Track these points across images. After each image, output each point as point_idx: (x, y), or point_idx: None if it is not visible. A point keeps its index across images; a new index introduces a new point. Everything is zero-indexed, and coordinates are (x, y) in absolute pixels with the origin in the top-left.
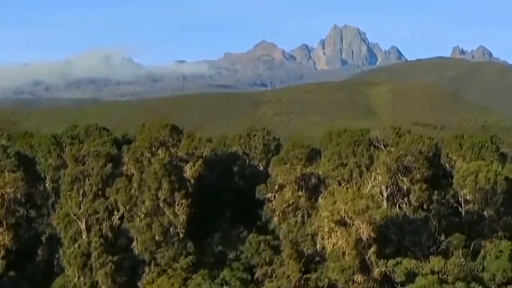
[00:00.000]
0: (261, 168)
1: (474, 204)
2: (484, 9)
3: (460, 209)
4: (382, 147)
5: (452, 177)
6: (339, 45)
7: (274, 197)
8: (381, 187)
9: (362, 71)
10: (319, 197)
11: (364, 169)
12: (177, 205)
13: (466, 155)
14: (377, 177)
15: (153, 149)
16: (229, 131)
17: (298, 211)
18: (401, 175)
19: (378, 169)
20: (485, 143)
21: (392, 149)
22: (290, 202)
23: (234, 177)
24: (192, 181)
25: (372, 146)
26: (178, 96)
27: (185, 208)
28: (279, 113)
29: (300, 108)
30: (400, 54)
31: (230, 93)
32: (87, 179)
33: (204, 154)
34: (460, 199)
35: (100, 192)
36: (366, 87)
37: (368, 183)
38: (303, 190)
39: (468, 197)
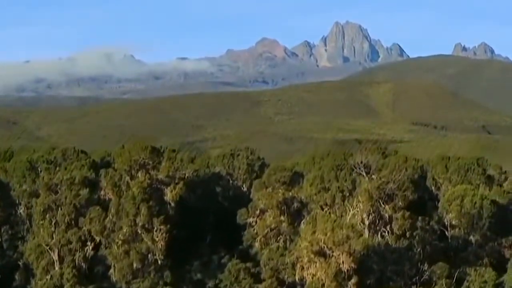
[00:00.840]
0: (245, 189)
1: (459, 229)
2: (486, 6)
3: (446, 234)
4: (364, 174)
5: (438, 200)
6: (341, 42)
7: (256, 221)
8: (362, 215)
9: (364, 68)
10: (302, 222)
11: (347, 194)
12: (156, 231)
13: (452, 178)
14: (358, 205)
15: (133, 172)
16: (229, 130)
17: (280, 236)
18: (383, 203)
19: (359, 196)
20: (471, 165)
21: (374, 176)
22: (272, 227)
23: (217, 199)
24: (172, 204)
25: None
26: (178, 95)
27: (164, 234)
28: (279, 112)
29: (300, 107)
30: (402, 51)
31: (230, 93)
32: (60, 209)
33: (186, 175)
34: (446, 223)
35: (73, 222)
36: (366, 87)
37: (350, 210)
38: (285, 215)
39: (453, 222)
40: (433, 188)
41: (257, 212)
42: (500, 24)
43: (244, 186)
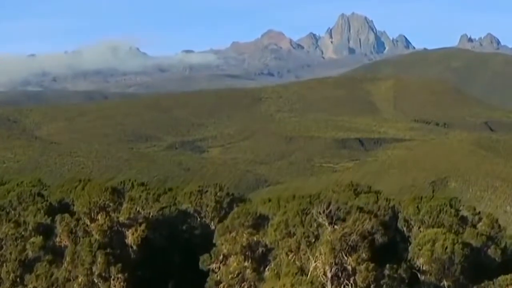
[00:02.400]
0: (213, 227)
1: (430, 275)
2: None
3: (417, 279)
4: (326, 224)
5: (410, 243)
6: (347, 34)
7: (219, 267)
8: (325, 268)
9: (369, 60)
10: (267, 268)
11: (313, 240)
12: (113, 279)
13: (424, 220)
14: (320, 257)
15: (93, 215)
16: (230, 128)
17: (244, 282)
18: (346, 255)
19: (321, 248)
20: (443, 206)
21: (337, 227)
22: (236, 273)
23: (183, 238)
24: (134, 247)
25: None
26: (179, 92)
27: (122, 283)
28: (280, 110)
29: (301, 104)
30: (408, 42)
31: (232, 89)
32: (4, 265)
33: (151, 214)
34: (416, 269)
35: (18, 280)
36: (367, 83)
37: (312, 262)
38: (250, 260)
39: (424, 268)
40: (405, 229)
41: (221, 257)
42: (506, 15)
43: (212, 223)
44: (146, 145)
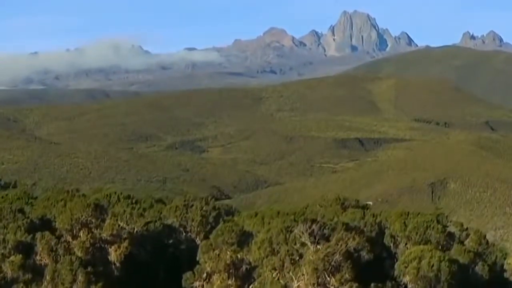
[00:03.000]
0: (198, 242)
1: None
2: None
3: None
4: (309, 244)
5: (397, 259)
6: (349, 31)
7: (203, 285)
8: None
9: (371, 57)
10: (251, 286)
11: (297, 258)
12: None
13: (411, 236)
14: (303, 277)
15: (75, 232)
16: (230, 128)
17: None
18: (329, 275)
19: (304, 268)
20: (430, 223)
21: (320, 247)
22: None
23: (168, 253)
24: (117, 264)
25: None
26: (180, 91)
27: None
28: (281, 109)
29: (302, 103)
30: (410, 40)
31: (232, 89)
32: None
33: (136, 229)
34: (402, 287)
35: None
36: (368, 82)
37: (295, 282)
38: (233, 279)
39: (410, 286)
40: (391, 245)
41: (204, 275)
42: (509, 12)
43: (198, 238)
44: (146, 145)
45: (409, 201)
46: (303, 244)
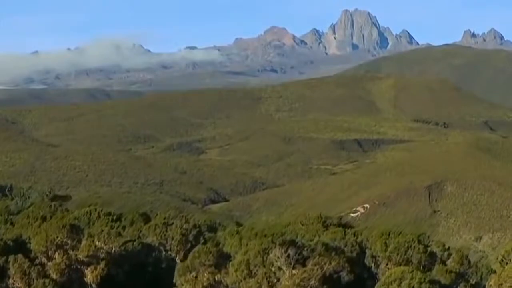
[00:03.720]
0: (178, 261)
1: None
2: None
3: None
4: (284, 268)
5: (378, 279)
6: (350, 30)
7: None
8: None
9: (372, 55)
10: None
11: (275, 280)
12: None
13: (392, 256)
14: None
15: (50, 254)
16: (229, 128)
17: None
18: None
19: None
20: (411, 243)
21: (295, 271)
22: None
23: (147, 273)
24: (94, 286)
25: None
26: (179, 91)
27: None
28: (280, 109)
29: (301, 104)
30: (411, 38)
31: (231, 89)
32: None
33: (114, 249)
34: None
35: None
36: (368, 82)
37: None
38: None
39: None
40: (372, 265)
41: None
42: (510, 10)
43: (177, 257)
44: (145, 147)
45: (406, 203)
46: (279, 268)
